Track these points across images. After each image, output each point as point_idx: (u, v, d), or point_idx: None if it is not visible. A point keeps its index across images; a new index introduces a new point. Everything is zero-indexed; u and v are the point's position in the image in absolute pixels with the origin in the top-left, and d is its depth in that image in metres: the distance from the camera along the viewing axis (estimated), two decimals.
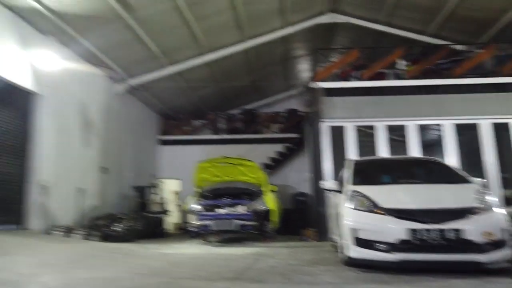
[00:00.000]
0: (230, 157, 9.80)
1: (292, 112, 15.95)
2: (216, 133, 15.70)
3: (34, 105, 8.50)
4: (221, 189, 8.82)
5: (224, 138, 15.39)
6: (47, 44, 8.54)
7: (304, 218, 11.02)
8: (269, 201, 8.90)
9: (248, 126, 15.81)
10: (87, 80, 10.23)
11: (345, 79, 10.52)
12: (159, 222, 11.19)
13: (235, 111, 16.51)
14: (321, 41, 13.17)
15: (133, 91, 12.33)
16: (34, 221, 8.09)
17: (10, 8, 7.63)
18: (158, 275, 4.09)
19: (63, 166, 8.99)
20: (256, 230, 8.03)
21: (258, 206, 8.43)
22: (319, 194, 8.69)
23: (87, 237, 8.04)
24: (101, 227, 8.65)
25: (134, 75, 11.70)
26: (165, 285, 3.49)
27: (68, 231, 8.11)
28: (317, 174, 9.34)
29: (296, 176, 14.07)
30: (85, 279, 3.56)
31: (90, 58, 10.07)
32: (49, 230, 8.06)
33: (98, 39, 9.41)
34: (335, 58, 12.53)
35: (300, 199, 13.04)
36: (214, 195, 8.66)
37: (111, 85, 11.51)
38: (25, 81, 8.08)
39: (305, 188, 12.47)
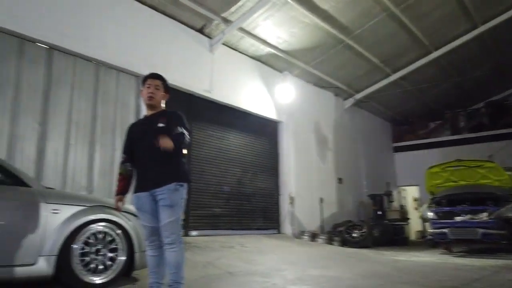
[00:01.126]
0: (464, 160, 8.91)
1: None
2: (455, 133, 14.36)
3: (279, 131, 10.39)
4: (457, 195, 8.15)
5: (465, 137, 13.89)
6: (283, 79, 10.33)
7: None
8: None
9: (495, 120, 13.70)
10: (318, 102, 11.58)
11: None
12: (399, 230, 11.23)
13: (477, 106, 14.65)
14: None
15: (359, 103, 13.02)
16: (287, 227, 9.78)
17: (255, 58, 9.73)
18: (378, 278, 4.42)
19: (305, 179, 10.48)
20: (504, 240, 7.00)
21: (508, 212, 7.33)
22: None
23: (329, 242, 9.07)
24: (340, 233, 9.54)
25: (358, 89, 12.38)
26: (378, 287, 3.82)
27: (313, 236, 9.37)
28: None
29: None
30: (314, 276, 4.31)
31: (318, 82, 11.43)
32: (299, 235, 9.56)
33: (323, 64, 10.59)
34: None
35: None
36: (449, 201, 8.10)
37: (339, 102, 12.56)
38: (271, 112, 10.04)
39: None
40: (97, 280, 3.37)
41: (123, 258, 3.59)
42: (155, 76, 3.13)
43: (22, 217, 3.12)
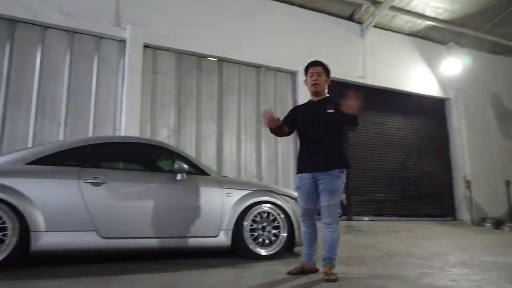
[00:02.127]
0: None
1: None
2: None
3: (446, 109, 9.53)
4: None
5: None
6: (447, 51, 9.42)
7: None
8: None
9: None
10: (495, 72, 10.08)
11: None
12: None
13: None
14: None
15: None
16: (463, 213, 8.92)
17: (412, 35, 9.19)
18: None
19: (483, 160, 9.33)
20: None
21: None
22: None
23: None
24: None
25: None
26: None
27: (497, 223, 8.29)
28: None
29: None
30: (481, 261, 3.98)
31: (494, 49, 9.97)
32: (479, 222, 8.61)
33: (498, 27, 9.19)
34: None
35: None
36: None
37: None
38: (434, 90, 9.31)
39: None
40: (264, 252, 3.98)
41: (285, 234, 4.13)
42: (316, 64, 3.28)
43: (206, 200, 3.96)
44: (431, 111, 9.35)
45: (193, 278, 2.93)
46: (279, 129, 3.20)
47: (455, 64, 9.15)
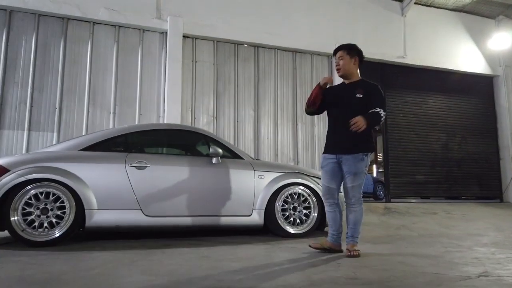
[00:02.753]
0: None
1: None
2: None
3: (494, 86, 9.09)
4: None
5: None
6: (497, 25, 8.94)
7: None
8: None
9: None
10: None
11: None
12: None
13: None
14: None
15: None
16: (511, 194, 8.58)
17: (457, 10, 8.81)
18: None
19: None
20: None
21: None
22: None
23: None
24: None
25: None
26: None
27: None
28: None
29: None
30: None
31: None
32: None
33: None
34: None
35: None
36: None
37: None
38: (481, 67, 8.92)
39: None
40: (295, 230, 4.21)
41: (315, 215, 4.33)
42: (337, 49, 3.32)
43: (240, 181, 4.24)
44: (477, 89, 8.98)
45: (225, 252, 3.23)
46: (318, 99, 3.30)
47: (505, 38, 8.68)
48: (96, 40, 6.48)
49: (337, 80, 3.56)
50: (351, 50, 3.31)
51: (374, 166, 16.89)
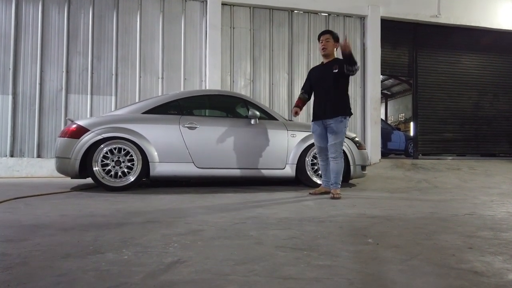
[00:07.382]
0: None
1: None
2: None
3: None
4: None
5: None
6: None
7: None
8: None
9: None
10: None
11: None
12: None
13: None
14: None
15: None
16: None
17: None
18: None
19: None
20: None
21: None
22: None
23: None
24: None
25: None
26: None
27: None
28: None
29: None
30: None
31: None
32: None
33: None
34: None
35: None
36: None
37: None
38: None
39: None
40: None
41: None
42: (324, 32, 4.18)
43: (275, 139, 4.91)
44: None
45: (263, 196, 3.97)
46: (301, 104, 4.36)
47: None
48: (144, 11, 7.13)
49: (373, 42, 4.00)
50: (334, 35, 4.14)
51: (412, 123, 16.93)
